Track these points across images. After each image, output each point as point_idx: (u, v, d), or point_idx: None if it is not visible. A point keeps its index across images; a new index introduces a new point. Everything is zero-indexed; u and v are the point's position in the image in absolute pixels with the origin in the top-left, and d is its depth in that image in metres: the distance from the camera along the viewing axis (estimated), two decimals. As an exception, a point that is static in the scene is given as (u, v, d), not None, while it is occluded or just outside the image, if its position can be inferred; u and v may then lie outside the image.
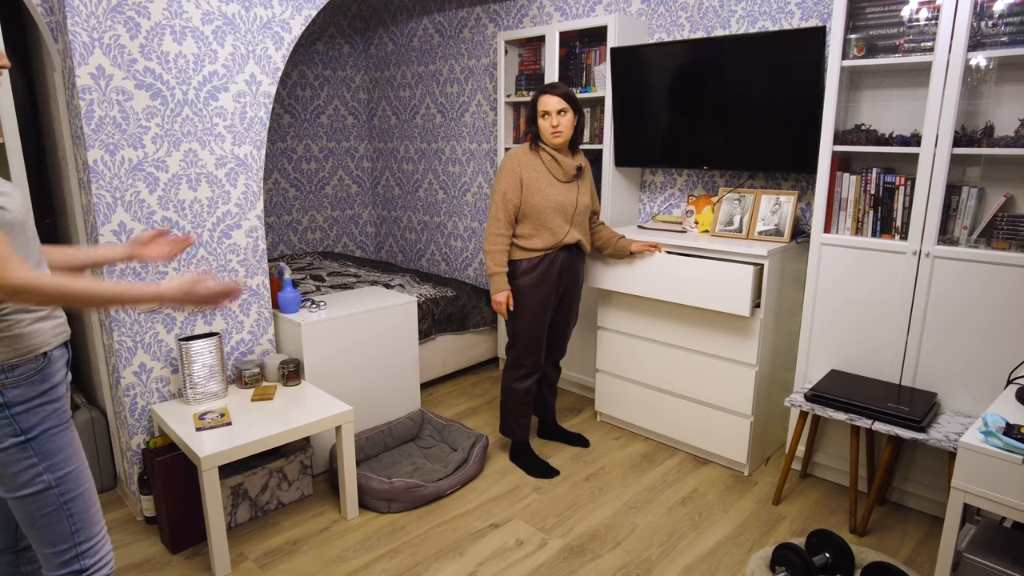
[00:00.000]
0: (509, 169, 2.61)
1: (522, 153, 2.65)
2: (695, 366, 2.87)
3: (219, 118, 2.52)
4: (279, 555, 2.31)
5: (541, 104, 2.60)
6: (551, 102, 2.58)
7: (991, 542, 1.80)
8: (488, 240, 2.64)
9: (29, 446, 1.35)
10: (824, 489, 2.71)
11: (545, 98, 2.59)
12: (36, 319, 1.39)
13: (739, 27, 3.00)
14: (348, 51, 5.10)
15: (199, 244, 2.54)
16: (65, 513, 1.41)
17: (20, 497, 1.37)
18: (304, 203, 5.08)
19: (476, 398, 3.68)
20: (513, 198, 2.60)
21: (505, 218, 2.61)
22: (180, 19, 2.36)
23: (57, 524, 1.40)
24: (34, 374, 1.37)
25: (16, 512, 1.40)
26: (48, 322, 1.43)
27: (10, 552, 1.59)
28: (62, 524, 1.41)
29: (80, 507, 1.44)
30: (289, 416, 2.38)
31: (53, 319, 1.45)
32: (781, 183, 3.01)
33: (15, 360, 1.33)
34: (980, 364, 2.28)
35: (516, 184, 2.60)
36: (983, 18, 2.14)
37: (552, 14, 3.73)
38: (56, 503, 1.40)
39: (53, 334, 1.43)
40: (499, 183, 2.62)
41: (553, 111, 2.57)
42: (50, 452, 1.38)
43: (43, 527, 1.40)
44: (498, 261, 2.63)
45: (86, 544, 1.45)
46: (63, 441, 1.41)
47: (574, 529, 2.45)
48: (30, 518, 1.39)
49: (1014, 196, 2.24)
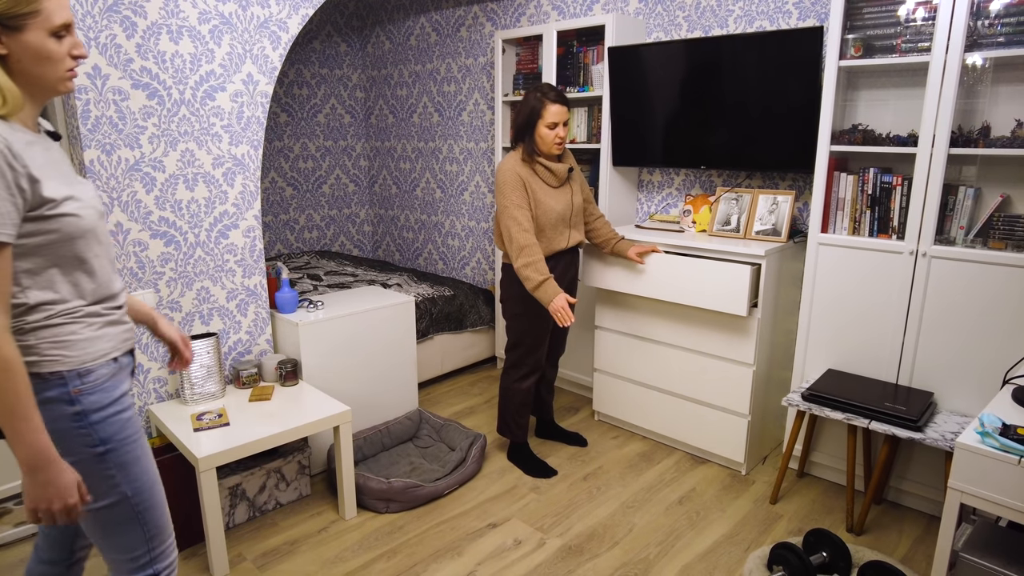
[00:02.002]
0: (514, 181, 2.51)
1: (518, 165, 2.55)
2: (692, 365, 2.87)
3: (216, 118, 2.52)
4: (277, 555, 2.31)
5: (550, 114, 2.48)
6: (561, 112, 2.49)
7: (987, 541, 1.81)
8: (522, 256, 2.47)
9: (107, 457, 1.29)
10: (821, 488, 2.72)
11: (555, 108, 2.48)
12: (107, 323, 1.34)
13: (736, 27, 3.00)
14: (345, 50, 5.09)
15: (196, 244, 2.53)
16: (140, 522, 1.36)
17: (95, 509, 1.30)
18: (301, 202, 5.07)
19: (474, 397, 3.68)
20: (527, 208, 2.50)
21: (529, 225, 2.49)
22: (177, 18, 2.35)
23: (131, 532, 1.35)
24: (106, 380, 1.31)
25: (87, 523, 1.33)
26: (118, 327, 1.37)
27: (62, 564, 1.55)
28: (136, 532, 1.36)
29: (155, 516, 1.38)
30: (287, 416, 2.38)
31: (122, 324, 1.39)
32: (778, 183, 3.02)
33: (88, 365, 1.27)
34: (976, 364, 2.29)
35: (525, 194, 2.51)
36: (980, 18, 2.15)
37: (550, 13, 3.73)
38: (131, 514, 1.34)
39: (122, 339, 1.37)
40: (507, 195, 2.51)
41: (561, 122, 2.50)
42: (127, 463, 1.32)
43: (117, 536, 1.34)
44: (541, 270, 2.47)
45: (159, 548, 1.40)
46: (139, 450, 1.36)
47: (572, 529, 2.46)
48: (102, 529, 1.33)
49: (1010, 196, 2.25)
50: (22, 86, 1.18)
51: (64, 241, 1.22)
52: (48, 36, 1.16)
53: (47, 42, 1.16)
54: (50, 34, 1.16)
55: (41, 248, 1.20)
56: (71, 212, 1.21)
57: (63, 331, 1.24)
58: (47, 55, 1.17)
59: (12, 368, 1.13)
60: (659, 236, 2.93)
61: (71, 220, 1.22)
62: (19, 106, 1.16)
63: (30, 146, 1.17)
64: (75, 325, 1.26)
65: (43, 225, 1.18)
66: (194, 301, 2.56)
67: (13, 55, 1.15)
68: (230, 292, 2.67)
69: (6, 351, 1.13)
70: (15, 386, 1.14)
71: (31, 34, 1.14)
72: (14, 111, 1.15)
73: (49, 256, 1.21)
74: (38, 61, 1.17)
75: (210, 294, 2.60)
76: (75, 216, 1.22)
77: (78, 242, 1.24)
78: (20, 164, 1.12)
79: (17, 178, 1.12)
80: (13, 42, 1.14)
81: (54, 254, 1.21)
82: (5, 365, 1.12)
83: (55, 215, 1.19)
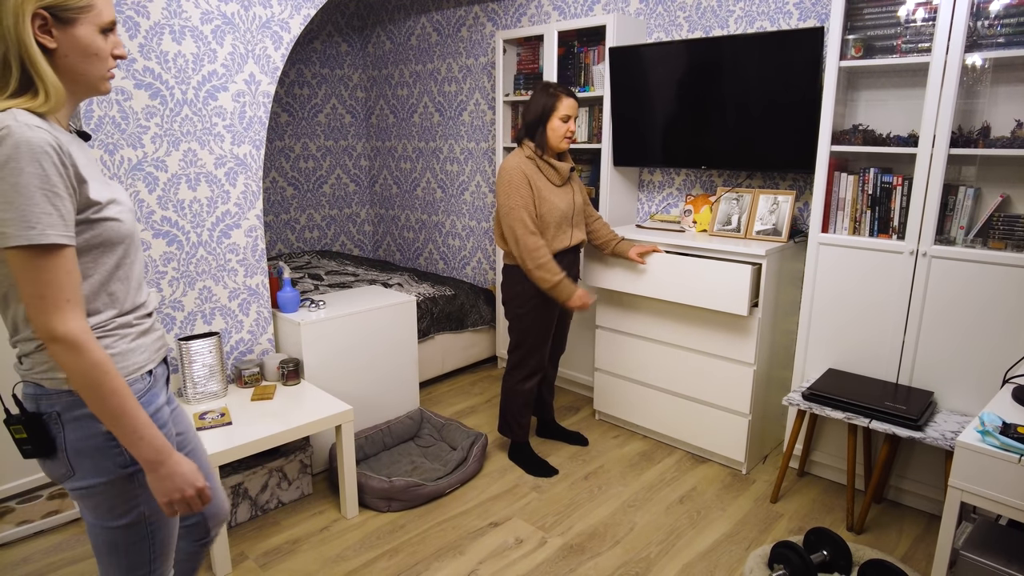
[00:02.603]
0: (519, 180, 2.51)
1: (522, 162, 2.56)
2: (693, 365, 2.88)
3: (218, 118, 2.52)
4: (279, 554, 2.32)
5: (564, 106, 2.51)
6: (574, 106, 2.52)
7: (987, 540, 1.82)
8: (533, 258, 2.50)
9: (136, 477, 1.22)
10: (821, 487, 2.72)
11: (569, 101, 2.52)
12: (140, 332, 1.26)
13: (737, 27, 3.01)
14: (346, 50, 5.10)
15: (199, 244, 2.54)
16: (149, 542, 1.29)
17: (111, 528, 1.24)
18: (302, 202, 5.07)
19: (475, 397, 3.69)
20: (532, 207, 2.52)
21: (534, 226, 2.51)
22: (179, 18, 2.36)
23: (140, 553, 1.29)
24: (141, 395, 1.23)
25: (97, 538, 1.26)
26: (150, 335, 1.30)
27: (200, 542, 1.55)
28: (144, 553, 1.29)
29: (164, 536, 1.32)
30: (289, 415, 2.39)
31: (154, 332, 1.32)
32: (779, 183, 3.02)
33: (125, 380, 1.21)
34: (976, 363, 2.29)
35: (529, 192, 2.52)
36: (979, 19, 2.15)
37: (550, 13, 3.73)
38: (144, 533, 1.27)
39: (155, 348, 1.30)
40: (512, 196, 2.50)
41: (573, 115, 2.54)
42: None
43: (124, 555, 1.28)
44: (553, 270, 2.50)
45: (159, 569, 1.34)
46: None
47: (573, 528, 2.46)
48: (112, 548, 1.26)
49: (1010, 196, 2.25)
50: (66, 83, 1.14)
51: (105, 247, 1.17)
52: (98, 32, 1.14)
53: (96, 38, 1.14)
54: (100, 30, 1.14)
55: (82, 254, 1.14)
56: (114, 216, 1.17)
57: None
58: (95, 51, 1.14)
59: (108, 369, 1.10)
60: (660, 236, 2.93)
61: (113, 225, 1.17)
62: (62, 103, 1.12)
63: (71, 146, 1.12)
64: (108, 339, 1.20)
65: (87, 229, 1.13)
66: (196, 300, 2.57)
67: (61, 49, 1.11)
68: (232, 292, 2.67)
69: (97, 354, 1.09)
70: (116, 385, 1.11)
71: (82, 28, 1.12)
72: (56, 108, 1.11)
73: (88, 262, 1.16)
74: (86, 57, 1.13)
75: (212, 294, 2.61)
76: (117, 220, 1.18)
77: (118, 248, 1.19)
78: (71, 162, 1.08)
79: (71, 176, 1.08)
80: (63, 35, 1.10)
81: (94, 260, 1.16)
82: (102, 367, 1.09)
83: (99, 219, 1.14)
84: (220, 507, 1.59)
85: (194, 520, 1.55)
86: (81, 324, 1.09)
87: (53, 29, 1.09)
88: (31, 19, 1.06)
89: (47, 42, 1.09)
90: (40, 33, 1.08)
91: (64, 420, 1.17)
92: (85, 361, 1.08)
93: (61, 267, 1.07)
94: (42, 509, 2.45)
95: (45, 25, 1.08)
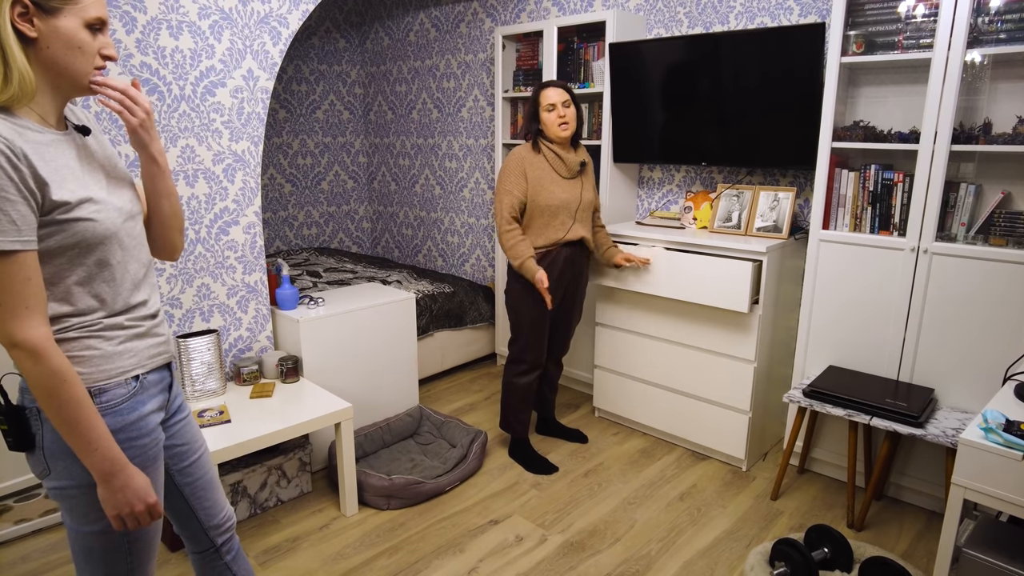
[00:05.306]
0: (514, 167, 2.61)
1: (525, 151, 2.65)
2: (693, 362, 2.87)
3: (216, 114, 2.51)
4: (279, 552, 2.31)
5: (545, 98, 2.60)
6: (555, 95, 2.59)
7: (990, 537, 1.82)
8: (503, 239, 2.62)
9: None
10: (822, 484, 2.72)
11: (548, 91, 2.60)
12: (132, 336, 1.24)
13: (737, 23, 3.00)
14: (344, 46, 5.07)
15: (197, 240, 2.53)
16: (126, 552, 1.27)
17: (86, 532, 1.23)
18: (300, 198, 5.06)
19: (474, 394, 3.68)
20: (519, 195, 2.59)
21: (510, 214, 2.60)
22: (176, 14, 2.34)
23: (116, 564, 1.26)
24: (122, 401, 1.21)
25: (74, 543, 1.25)
26: (146, 340, 1.27)
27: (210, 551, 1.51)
28: (120, 565, 1.27)
29: (142, 547, 1.29)
30: (288, 413, 2.38)
31: (153, 337, 1.28)
32: (779, 179, 3.02)
33: (102, 384, 1.18)
34: (977, 360, 2.29)
35: (521, 181, 2.59)
36: (981, 15, 2.15)
37: (550, 9, 3.72)
38: (121, 544, 1.25)
39: (149, 355, 1.27)
40: (503, 182, 2.62)
41: (559, 103, 2.58)
42: None
43: (99, 564, 1.25)
44: (521, 251, 2.59)
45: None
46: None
47: (573, 525, 2.46)
48: (87, 554, 1.25)
49: (1011, 193, 2.25)
50: (48, 77, 1.12)
51: (82, 247, 1.14)
52: (82, 26, 1.12)
53: (81, 31, 1.12)
54: (84, 24, 1.12)
55: (56, 255, 1.12)
56: (86, 216, 1.13)
57: (77, 346, 1.16)
58: (79, 44, 1.12)
59: (67, 377, 1.09)
60: (660, 233, 2.93)
61: (88, 225, 1.14)
62: (28, 94, 1.08)
63: (45, 146, 1.10)
64: (91, 339, 1.18)
65: (57, 231, 1.11)
66: (194, 298, 2.56)
67: (43, 39, 1.09)
68: (231, 289, 2.66)
69: (56, 361, 1.08)
70: (74, 394, 1.10)
71: (65, 19, 1.10)
72: (21, 99, 1.08)
73: (64, 264, 1.13)
74: (68, 49, 1.11)
75: (210, 291, 2.60)
76: (91, 221, 1.14)
77: (97, 249, 1.16)
78: (26, 165, 1.05)
79: (25, 179, 1.05)
80: (45, 25, 1.09)
81: (71, 262, 1.14)
82: (60, 376, 1.08)
83: (69, 220, 1.11)
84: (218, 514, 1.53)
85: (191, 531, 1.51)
86: (40, 331, 1.07)
87: (35, 18, 1.08)
88: (11, 5, 1.05)
89: (27, 30, 1.08)
90: (20, 20, 1.07)
91: (43, 418, 1.17)
92: (43, 369, 1.07)
93: (16, 273, 1.05)
94: (40, 507, 2.44)
95: (26, 13, 1.07)
